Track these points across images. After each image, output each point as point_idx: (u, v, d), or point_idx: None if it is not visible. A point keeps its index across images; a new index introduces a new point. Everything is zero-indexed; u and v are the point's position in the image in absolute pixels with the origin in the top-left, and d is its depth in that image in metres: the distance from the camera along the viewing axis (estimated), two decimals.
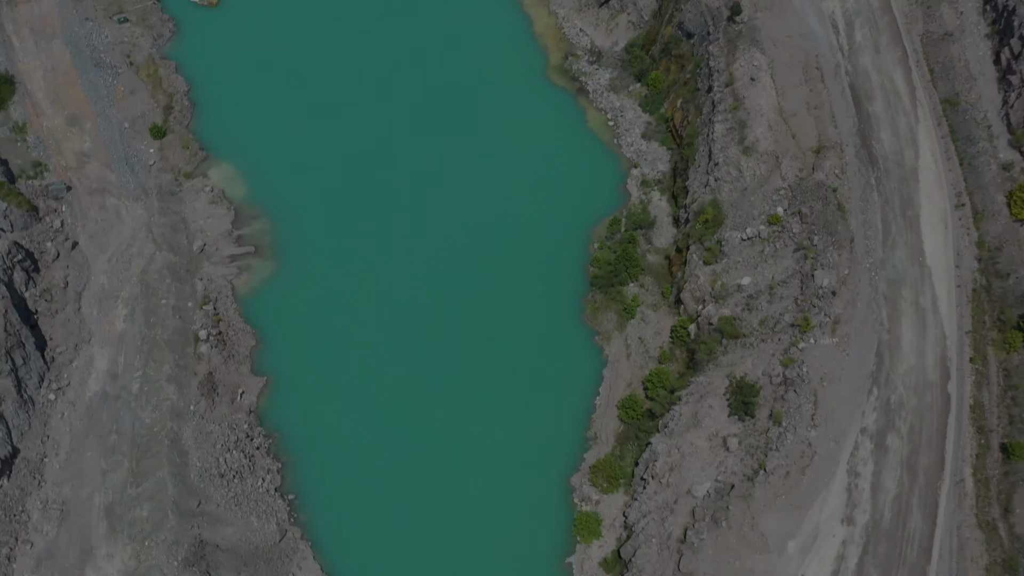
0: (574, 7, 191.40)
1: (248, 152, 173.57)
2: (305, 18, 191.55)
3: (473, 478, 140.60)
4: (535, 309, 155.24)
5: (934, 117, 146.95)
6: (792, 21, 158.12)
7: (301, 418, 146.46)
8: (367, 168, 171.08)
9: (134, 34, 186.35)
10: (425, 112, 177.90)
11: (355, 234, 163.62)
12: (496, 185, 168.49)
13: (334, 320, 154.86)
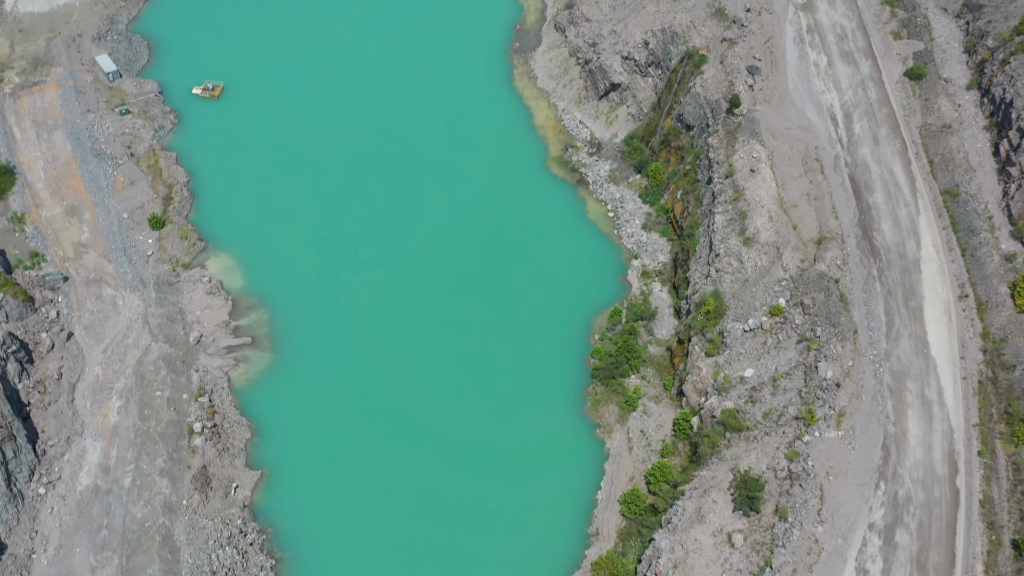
0: (574, 100, 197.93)
1: (247, 242, 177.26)
2: (307, 109, 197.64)
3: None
4: (535, 402, 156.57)
5: (935, 208, 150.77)
6: (791, 113, 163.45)
7: (297, 513, 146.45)
8: (367, 259, 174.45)
9: (135, 126, 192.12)
10: (426, 203, 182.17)
11: (353, 326, 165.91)
12: (496, 277, 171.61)
13: (331, 413, 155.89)
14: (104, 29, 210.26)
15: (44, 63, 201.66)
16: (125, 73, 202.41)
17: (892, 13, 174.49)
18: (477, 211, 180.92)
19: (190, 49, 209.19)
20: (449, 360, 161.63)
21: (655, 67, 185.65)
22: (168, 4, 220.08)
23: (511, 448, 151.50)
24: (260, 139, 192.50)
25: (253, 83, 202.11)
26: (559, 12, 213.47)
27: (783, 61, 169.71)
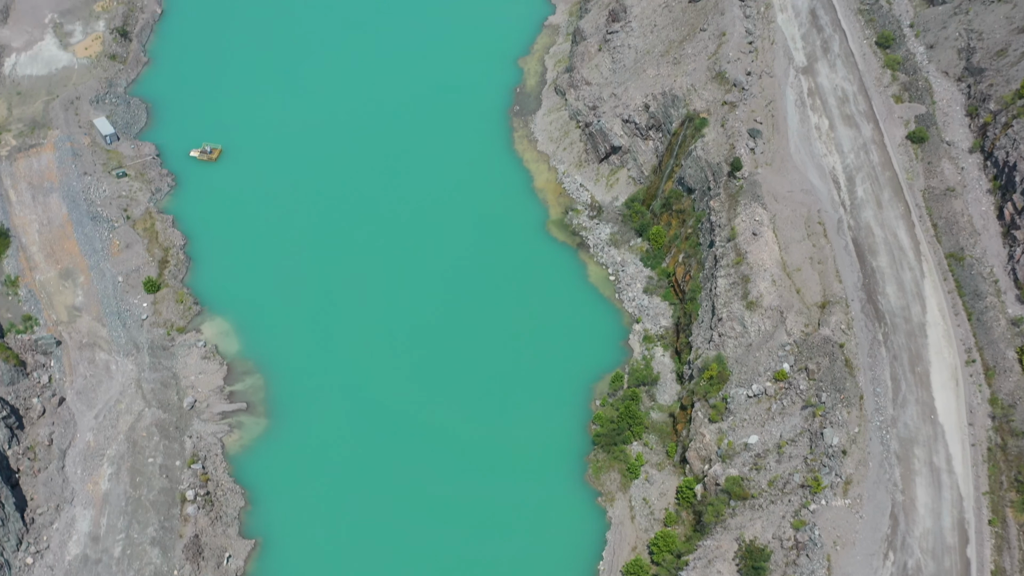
0: (574, 163, 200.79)
1: (243, 306, 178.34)
2: (305, 171, 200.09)
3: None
4: (535, 469, 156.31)
5: (940, 272, 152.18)
6: (793, 176, 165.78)
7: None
8: (365, 324, 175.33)
9: (132, 188, 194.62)
10: (425, 267, 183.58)
11: (350, 392, 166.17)
12: (497, 341, 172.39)
13: (327, 480, 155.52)
14: (102, 92, 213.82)
15: (42, 126, 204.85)
16: (123, 136, 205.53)
17: (893, 76, 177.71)
18: (477, 275, 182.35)
19: (188, 112, 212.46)
20: (449, 427, 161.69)
21: (656, 130, 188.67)
22: (167, 67, 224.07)
23: (511, 517, 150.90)
24: (258, 202, 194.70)
25: (251, 145, 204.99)
26: (559, 75, 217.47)
27: (784, 124, 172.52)
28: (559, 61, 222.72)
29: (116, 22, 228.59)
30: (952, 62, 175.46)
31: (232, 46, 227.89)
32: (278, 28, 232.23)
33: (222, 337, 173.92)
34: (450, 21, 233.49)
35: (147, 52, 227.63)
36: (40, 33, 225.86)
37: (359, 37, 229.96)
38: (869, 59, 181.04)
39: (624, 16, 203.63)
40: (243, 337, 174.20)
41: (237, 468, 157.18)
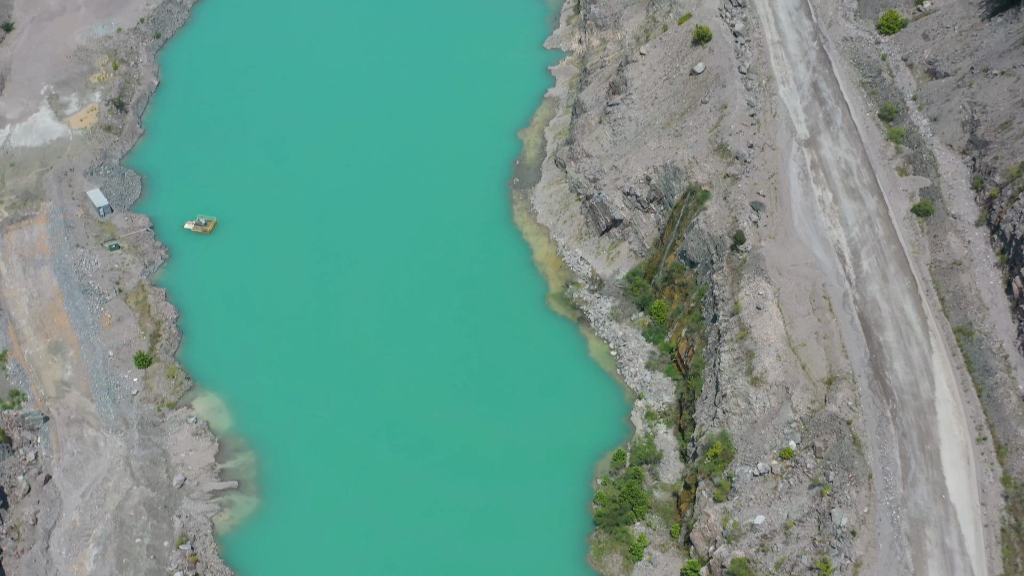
0: (574, 236, 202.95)
1: (236, 382, 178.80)
2: (301, 244, 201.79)
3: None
4: (535, 550, 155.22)
5: (948, 347, 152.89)
6: (797, 250, 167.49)
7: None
8: (360, 402, 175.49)
9: (125, 261, 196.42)
10: (423, 343, 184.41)
11: (344, 471, 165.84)
12: (495, 417, 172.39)
13: (320, 562, 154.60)
14: (97, 163, 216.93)
15: (34, 197, 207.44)
16: (116, 208, 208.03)
17: (897, 149, 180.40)
18: (476, 350, 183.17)
19: (184, 183, 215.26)
20: (446, 506, 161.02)
21: (657, 203, 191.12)
22: (163, 139, 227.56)
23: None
24: (252, 275, 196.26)
25: (247, 217, 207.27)
26: (559, 148, 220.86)
27: (787, 197, 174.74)
28: (559, 133, 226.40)
29: (112, 93, 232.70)
30: (956, 135, 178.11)
31: (229, 117, 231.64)
32: (276, 99, 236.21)
33: (214, 413, 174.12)
34: (449, 93, 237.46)
35: (143, 124, 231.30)
36: (35, 104, 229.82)
37: (358, 108, 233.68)
38: (872, 132, 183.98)
39: (625, 88, 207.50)
40: (235, 413, 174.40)
41: (227, 549, 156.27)
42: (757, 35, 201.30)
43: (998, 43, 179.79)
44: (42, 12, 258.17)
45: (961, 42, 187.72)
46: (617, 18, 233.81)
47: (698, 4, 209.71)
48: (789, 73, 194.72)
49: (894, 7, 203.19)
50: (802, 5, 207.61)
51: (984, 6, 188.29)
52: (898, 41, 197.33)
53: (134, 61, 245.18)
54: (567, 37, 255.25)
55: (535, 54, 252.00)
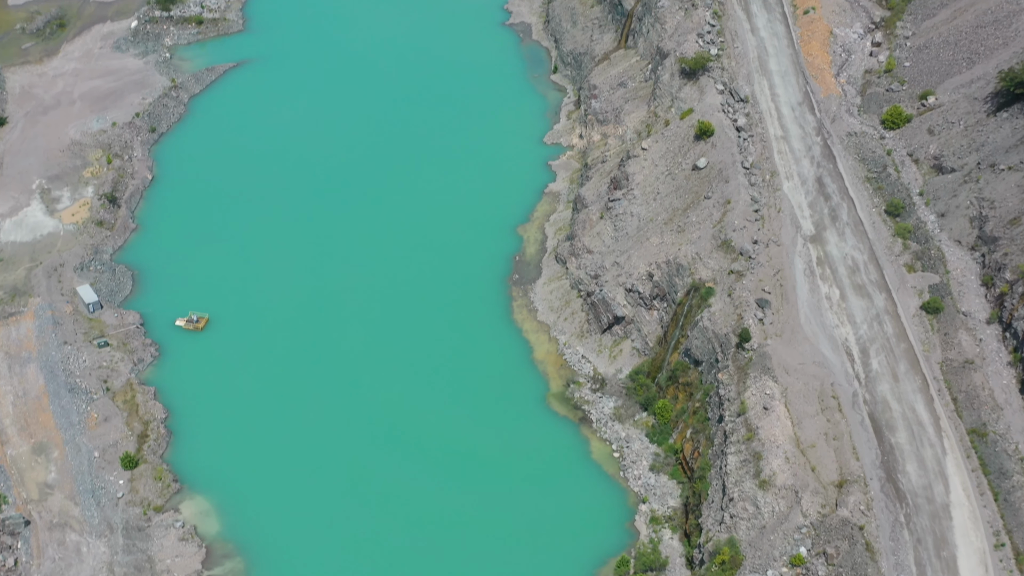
0: (575, 333, 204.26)
1: (225, 484, 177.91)
2: (295, 343, 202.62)
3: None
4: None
5: (962, 449, 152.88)
6: (804, 348, 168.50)
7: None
8: (355, 506, 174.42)
9: (113, 359, 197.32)
10: (420, 446, 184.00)
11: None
12: (495, 523, 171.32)
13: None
14: (88, 259, 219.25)
15: (23, 293, 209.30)
16: (106, 304, 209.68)
17: (904, 245, 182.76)
18: (474, 451, 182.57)
19: (176, 280, 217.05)
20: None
21: (660, 300, 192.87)
22: (155, 234, 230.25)
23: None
24: (244, 374, 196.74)
25: (240, 315, 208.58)
26: (560, 243, 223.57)
27: (793, 294, 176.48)
28: (560, 229, 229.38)
29: (105, 188, 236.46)
30: (964, 231, 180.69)
31: (223, 211, 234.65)
32: (272, 193, 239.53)
33: (202, 517, 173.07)
34: (448, 187, 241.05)
35: (136, 218, 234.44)
36: (27, 199, 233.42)
37: (355, 203, 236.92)
38: (879, 228, 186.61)
39: (626, 184, 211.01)
40: (224, 517, 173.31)
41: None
42: (760, 130, 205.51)
43: (1004, 138, 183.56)
44: (37, 106, 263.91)
45: (967, 137, 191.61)
46: (618, 113, 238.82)
47: (700, 99, 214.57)
48: (793, 168, 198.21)
49: (898, 102, 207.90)
50: (805, 100, 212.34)
51: (989, 101, 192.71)
52: (903, 136, 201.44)
53: (128, 155, 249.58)
54: (568, 132, 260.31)
55: (535, 148, 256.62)
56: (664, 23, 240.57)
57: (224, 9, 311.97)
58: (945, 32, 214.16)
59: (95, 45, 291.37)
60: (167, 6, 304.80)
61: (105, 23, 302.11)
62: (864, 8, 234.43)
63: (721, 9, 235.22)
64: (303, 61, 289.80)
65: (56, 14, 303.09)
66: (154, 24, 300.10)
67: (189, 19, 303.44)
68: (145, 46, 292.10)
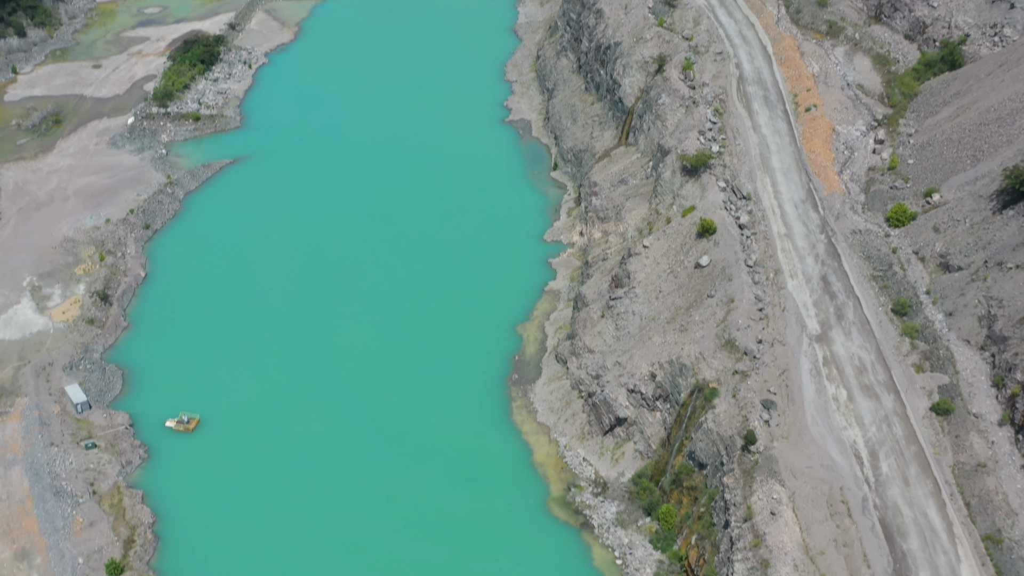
0: (576, 435, 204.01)
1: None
2: (288, 445, 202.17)
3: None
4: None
5: (977, 556, 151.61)
6: (811, 451, 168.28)
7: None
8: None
9: (101, 461, 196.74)
10: (416, 550, 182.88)
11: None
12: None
13: None
14: (77, 358, 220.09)
15: (10, 393, 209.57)
16: (95, 404, 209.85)
17: (912, 345, 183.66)
18: (471, 558, 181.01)
19: (167, 379, 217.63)
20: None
21: (663, 401, 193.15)
22: (147, 332, 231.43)
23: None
24: (236, 477, 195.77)
25: (232, 416, 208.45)
26: (560, 343, 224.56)
27: (800, 395, 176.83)
28: (560, 328, 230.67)
29: (97, 285, 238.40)
30: (973, 330, 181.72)
31: (216, 310, 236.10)
32: (266, 292, 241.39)
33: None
34: (447, 285, 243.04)
35: (127, 316, 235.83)
36: (17, 296, 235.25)
37: (351, 302, 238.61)
38: (886, 327, 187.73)
39: (628, 282, 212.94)
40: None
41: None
42: (763, 227, 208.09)
43: (1011, 236, 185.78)
44: (30, 202, 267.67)
45: (973, 235, 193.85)
46: (619, 210, 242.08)
47: (702, 196, 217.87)
48: (797, 266, 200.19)
49: (903, 200, 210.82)
50: (808, 197, 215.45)
51: (995, 199, 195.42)
52: (908, 234, 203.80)
53: (121, 252, 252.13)
54: (568, 229, 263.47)
55: (535, 246, 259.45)
56: (665, 120, 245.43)
57: (222, 106, 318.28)
58: (948, 130, 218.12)
59: (91, 141, 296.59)
60: (164, 103, 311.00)
61: (101, 119, 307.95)
62: (866, 106, 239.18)
63: (722, 106, 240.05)
64: (301, 157, 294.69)
65: (52, 110, 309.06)
66: (151, 120, 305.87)
67: (186, 116, 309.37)
68: (141, 142, 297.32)
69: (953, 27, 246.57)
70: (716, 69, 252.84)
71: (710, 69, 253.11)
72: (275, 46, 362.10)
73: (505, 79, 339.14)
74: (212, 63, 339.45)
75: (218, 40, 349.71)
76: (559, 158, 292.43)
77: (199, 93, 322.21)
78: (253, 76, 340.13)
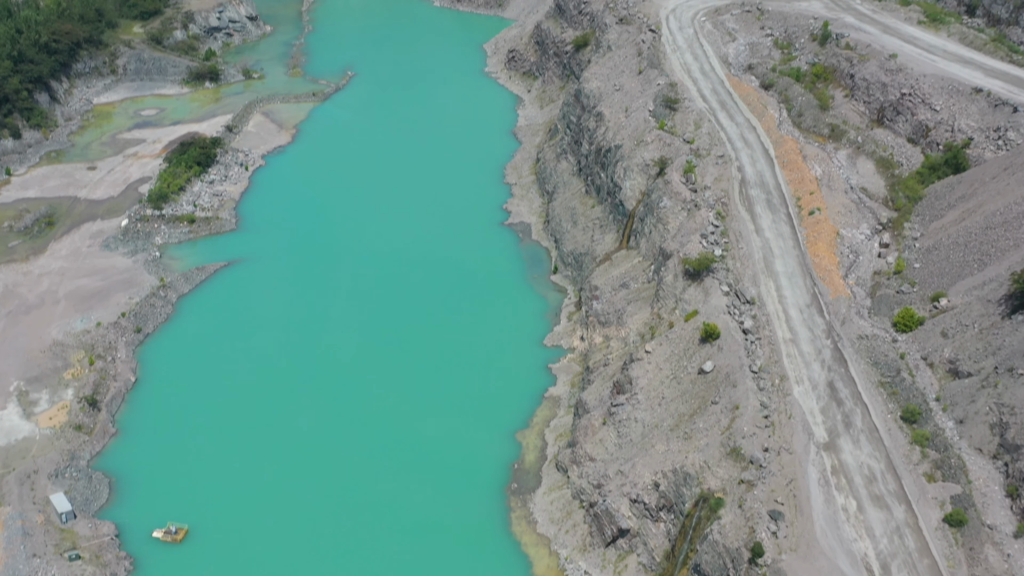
0: (577, 547, 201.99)
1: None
2: (281, 556, 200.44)
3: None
4: None
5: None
6: (821, 564, 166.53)
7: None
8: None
9: (85, 573, 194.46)
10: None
11: None
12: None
13: None
14: (63, 465, 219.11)
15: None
16: (81, 513, 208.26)
17: (923, 453, 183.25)
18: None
19: (155, 487, 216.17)
20: None
21: (667, 511, 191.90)
22: (135, 439, 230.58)
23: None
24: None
25: (222, 526, 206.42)
26: (560, 451, 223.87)
27: (808, 505, 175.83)
28: (560, 435, 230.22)
29: (86, 390, 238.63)
30: (985, 438, 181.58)
31: (207, 416, 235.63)
32: (257, 399, 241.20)
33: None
34: (444, 392, 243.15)
35: (116, 423, 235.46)
36: (3, 401, 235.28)
37: (345, 409, 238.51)
38: (895, 435, 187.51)
39: (630, 388, 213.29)
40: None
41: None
42: (768, 332, 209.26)
43: (1021, 342, 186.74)
44: (20, 305, 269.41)
45: (982, 341, 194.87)
46: (620, 315, 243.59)
47: (705, 301, 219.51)
48: (803, 372, 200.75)
49: (909, 304, 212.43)
50: (813, 302, 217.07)
51: (1003, 304, 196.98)
52: (916, 339, 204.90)
53: (111, 356, 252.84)
54: (568, 334, 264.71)
55: (535, 351, 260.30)
56: (666, 223, 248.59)
57: (217, 208, 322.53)
58: (954, 233, 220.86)
59: (83, 243, 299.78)
60: (159, 204, 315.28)
61: (95, 221, 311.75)
62: (870, 209, 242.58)
63: (724, 210, 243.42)
64: (297, 260, 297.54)
65: (45, 212, 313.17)
66: (145, 222, 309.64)
67: (181, 218, 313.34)
68: (135, 244, 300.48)
69: (956, 130, 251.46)
70: (718, 172, 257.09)
71: (712, 172, 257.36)
72: (272, 148, 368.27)
73: (505, 181, 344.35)
74: (208, 165, 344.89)
75: (215, 142, 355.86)
76: (559, 261, 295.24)
77: (194, 195, 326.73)
78: (249, 178, 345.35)
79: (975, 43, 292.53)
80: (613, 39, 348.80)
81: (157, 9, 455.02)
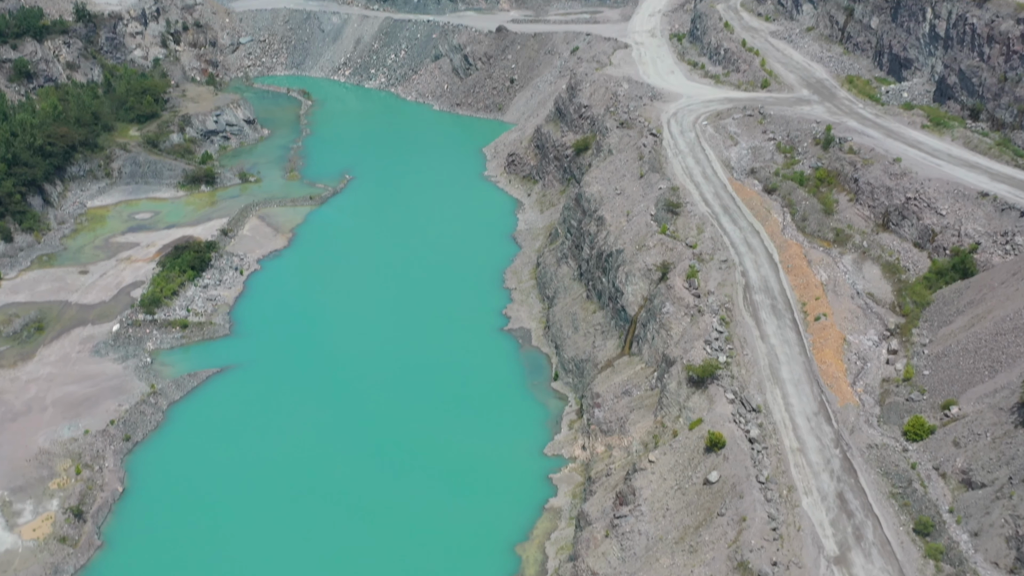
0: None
1: None
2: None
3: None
4: None
5: None
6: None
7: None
8: None
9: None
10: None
11: None
12: None
13: None
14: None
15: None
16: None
17: (937, 567, 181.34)
18: None
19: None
20: None
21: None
22: (122, 552, 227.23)
23: None
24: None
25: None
26: (562, 565, 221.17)
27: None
28: (561, 548, 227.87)
29: (71, 501, 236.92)
30: (1001, 552, 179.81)
31: (198, 529, 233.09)
32: (249, 510, 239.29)
33: None
34: (441, 504, 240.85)
35: (101, 534, 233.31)
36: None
37: (339, 523, 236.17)
38: (908, 548, 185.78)
39: (633, 499, 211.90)
40: None
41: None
42: (774, 441, 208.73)
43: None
44: (6, 412, 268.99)
45: (996, 450, 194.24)
46: (623, 423, 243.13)
47: (709, 409, 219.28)
48: (812, 483, 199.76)
49: (920, 412, 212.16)
50: (821, 410, 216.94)
51: (1016, 412, 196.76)
52: (927, 448, 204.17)
53: (99, 466, 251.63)
54: (569, 443, 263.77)
55: (535, 461, 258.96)
56: (669, 329, 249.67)
57: (211, 313, 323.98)
58: (964, 340, 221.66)
59: (73, 349, 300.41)
60: (151, 309, 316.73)
61: (86, 326, 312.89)
62: (878, 315, 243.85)
63: (728, 315, 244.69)
64: (291, 367, 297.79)
65: (35, 317, 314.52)
66: (137, 328, 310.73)
67: (174, 323, 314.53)
68: (126, 350, 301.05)
69: (963, 235, 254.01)
70: (721, 277, 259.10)
71: (715, 277, 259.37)
72: (268, 252, 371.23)
73: (504, 286, 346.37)
74: (202, 269, 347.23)
75: (209, 246, 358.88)
76: (560, 368, 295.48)
77: (188, 300, 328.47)
78: (244, 283, 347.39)
79: (980, 147, 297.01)
80: (614, 143, 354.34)
81: (154, 113, 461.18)
